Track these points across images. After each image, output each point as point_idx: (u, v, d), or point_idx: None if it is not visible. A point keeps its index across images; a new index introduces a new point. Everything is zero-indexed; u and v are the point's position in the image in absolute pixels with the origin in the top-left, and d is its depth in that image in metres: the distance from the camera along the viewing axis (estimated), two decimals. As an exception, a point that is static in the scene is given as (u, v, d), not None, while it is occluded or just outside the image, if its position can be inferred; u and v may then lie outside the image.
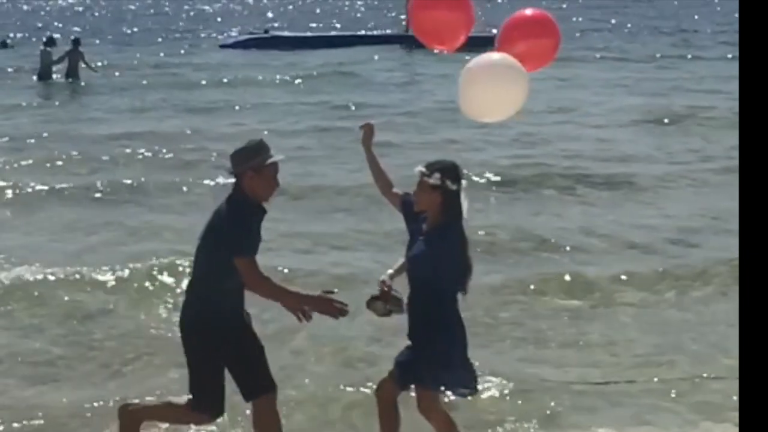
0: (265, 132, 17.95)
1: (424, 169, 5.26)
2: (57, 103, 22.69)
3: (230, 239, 5.15)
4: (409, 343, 5.41)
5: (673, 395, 7.02)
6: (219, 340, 5.29)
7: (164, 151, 15.93)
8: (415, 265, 5.30)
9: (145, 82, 26.03)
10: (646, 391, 7.08)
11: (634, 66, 30.57)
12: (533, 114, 20.39)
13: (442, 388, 5.42)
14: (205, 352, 5.33)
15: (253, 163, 5.25)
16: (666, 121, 19.38)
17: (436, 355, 5.25)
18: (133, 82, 25.90)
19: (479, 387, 5.58)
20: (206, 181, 13.45)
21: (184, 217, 11.83)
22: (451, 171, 5.26)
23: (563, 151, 16.20)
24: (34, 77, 25.74)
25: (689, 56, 32.91)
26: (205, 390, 5.38)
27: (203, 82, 25.92)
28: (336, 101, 22.14)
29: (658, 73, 28.46)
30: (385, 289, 5.39)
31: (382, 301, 5.36)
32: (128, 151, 15.93)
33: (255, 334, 5.48)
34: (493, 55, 5.56)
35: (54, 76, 25.38)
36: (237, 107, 21.53)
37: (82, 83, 25.09)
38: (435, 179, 5.19)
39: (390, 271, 5.48)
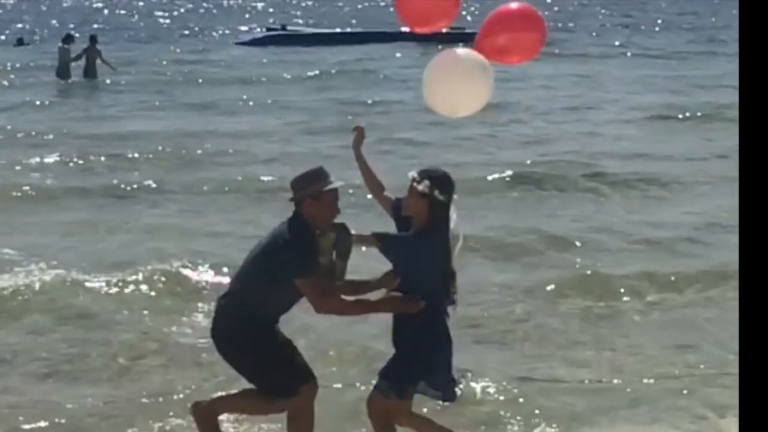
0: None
1: (415, 175, 5.25)
2: (75, 101, 22.76)
3: (292, 261, 5.19)
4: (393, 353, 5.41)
5: (686, 393, 7.00)
6: (253, 344, 5.35)
7: (182, 149, 15.93)
8: (399, 268, 5.29)
9: (162, 79, 26.06)
10: (661, 389, 7.06)
11: (654, 62, 30.45)
12: (551, 112, 20.37)
13: (419, 393, 5.40)
14: (248, 351, 5.37)
15: (311, 190, 5.31)
16: (686, 118, 19.28)
17: (421, 361, 5.26)
18: (150, 79, 25.93)
19: (458, 393, 5.57)
20: (224, 181, 13.40)
21: (202, 218, 11.80)
22: (441, 181, 5.25)
23: (581, 149, 16.13)
24: (54, 75, 25.80)
25: (710, 52, 32.72)
26: (280, 376, 5.37)
27: (221, 80, 25.92)
28: (354, 98, 22.13)
29: (678, 69, 28.33)
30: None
31: (335, 230, 5.25)
32: (145, 149, 15.89)
33: (282, 333, 5.53)
34: (458, 51, 5.52)
35: (73, 77, 25.40)
36: (255, 105, 21.55)
37: (107, 81, 25.08)
38: (424, 187, 5.19)
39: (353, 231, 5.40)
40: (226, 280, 8.72)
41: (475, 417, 6.55)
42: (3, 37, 39.90)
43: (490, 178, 13.65)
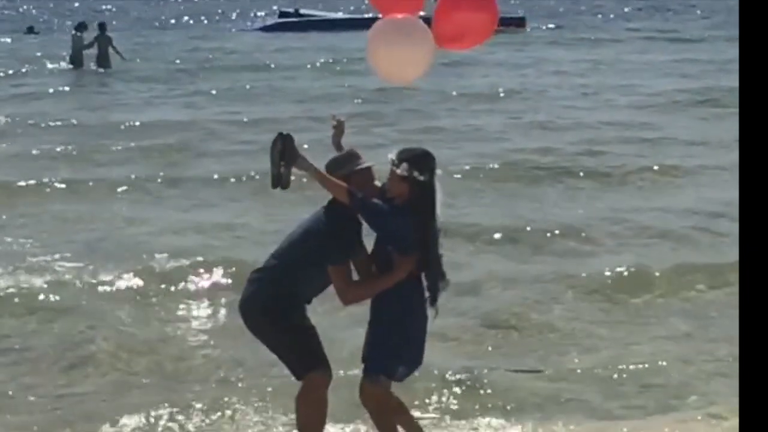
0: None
1: (393, 157, 5.18)
2: (87, 90, 22.76)
3: (329, 248, 5.21)
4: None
5: (700, 381, 6.98)
6: (280, 321, 5.36)
7: (194, 139, 15.87)
8: (380, 242, 5.26)
9: (175, 68, 25.98)
10: (674, 377, 7.04)
11: (670, 47, 30.27)
12: (565, 98, 20.26)
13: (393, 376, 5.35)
14: (275, 327, 5.38)
15: (342, 172, 5.30)
16: (701, 103, 19.12)
17: (404, 340, 5.22)
18: (163, 68, 25.87)
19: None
20: (239, 171, 13.23)
21: (215, 210, 11.70)
22: (419, 161, 5.16)
23: (594, 136, 15.94)
24: (64, 63, 25.78)
25: (725, 37, 32.40)
26: (302, 352, 5.38)
27: (234, 67, 25.85)
28: (370, 85, 21.99)
29: (697, 53, 28.11)
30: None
31: (281, 140, 5.24)
32: (157, 139, 15.83)
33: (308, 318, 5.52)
34: (397, 17, 5.42)
35: (86, 65, 25.37)
36: (271, 93, 21.48)
37: (121, 69, 24.99)
38: (402, 170, 5.12)
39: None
40: (234, 276, 8.79)
41: (487, 405, 6.54)
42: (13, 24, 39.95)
43: (501, 166, 13.59)
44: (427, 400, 6.51)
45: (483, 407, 6.49)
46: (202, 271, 9.15)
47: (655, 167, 13.60)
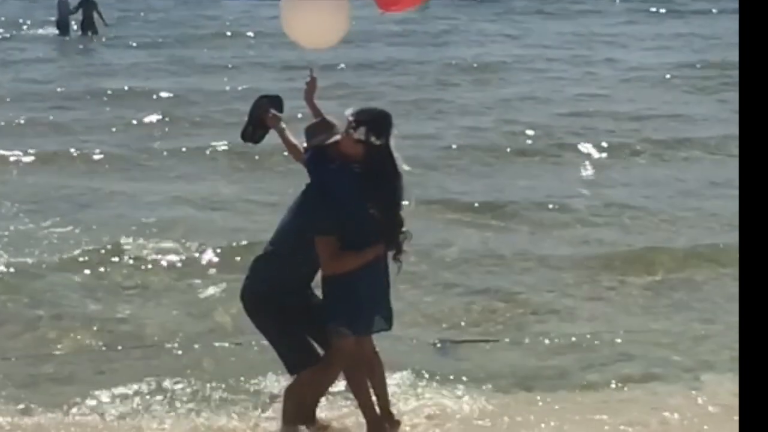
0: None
1: (351, 118, 5.19)
2: (71, 57, 22.57)
3: (310, 219, 5.22)
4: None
5: (679, 350, 7.04)
6: (277, 312, 5.37)
7: (179, 111, 15.77)
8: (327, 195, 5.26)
9: (163, 35, 25.68)
10: (652, 346, 7.09)
11: (663, 19, 30.02)
12: (552, 71, 20.16)
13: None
14: (275, 319, 5.39)
15: (314, 142, 5.29)
16: (695, 78, 19.03)
17: (350, 295, 5.22)
18: (152, 35, 25.60)
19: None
20: (224, 144, 13.10)
21: (203, 184, 11.61)
22: (377, 125, 5.17)
23: (582, 110, 15.84)
24: (50, 28, 25.56)
25: (721, 9, 32.11)
26: (297, 349, 5.41)
27: (223, 36, 25.59)
28: (357, 56, 21.88)
29: (688, 26, 27.92)
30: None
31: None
32: (144, 109, 15.68)
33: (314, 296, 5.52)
34: None
35: (72, 31, 25.19)
36: (258, 62, 21.33)
37: (109, 35, 24.75)
38: (359, 134, 5.13)
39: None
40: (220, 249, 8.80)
41: (461, 376, 6.55)
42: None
43: (484, 139, 13.57)
44: (400, 370, 6.48)
45: (458, 378, 6.51)
46: (184, 242, 9.12)
47: (641, 143, 13.53)
